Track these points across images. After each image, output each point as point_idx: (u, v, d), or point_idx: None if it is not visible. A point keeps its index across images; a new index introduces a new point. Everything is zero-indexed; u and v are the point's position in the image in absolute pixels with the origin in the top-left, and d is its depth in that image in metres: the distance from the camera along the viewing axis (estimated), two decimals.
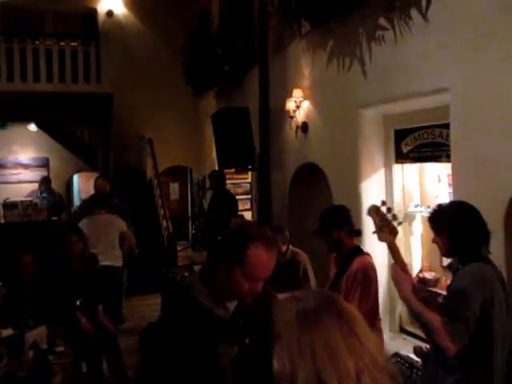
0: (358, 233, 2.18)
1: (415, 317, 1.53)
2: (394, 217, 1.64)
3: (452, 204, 1.59)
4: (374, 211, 1.66)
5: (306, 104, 3.71)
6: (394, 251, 1.58)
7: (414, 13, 2.55)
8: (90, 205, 3.99)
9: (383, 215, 1.63)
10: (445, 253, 1.55)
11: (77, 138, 6.54)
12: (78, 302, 2.66)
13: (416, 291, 1.53)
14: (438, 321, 1.38)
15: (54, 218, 5.62)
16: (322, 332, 0.69)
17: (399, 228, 1.63)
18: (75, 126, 6.40)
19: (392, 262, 1.62)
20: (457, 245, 1.46)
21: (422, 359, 1.65)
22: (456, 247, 1.46)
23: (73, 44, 5.84)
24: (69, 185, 7.35)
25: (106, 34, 6.01)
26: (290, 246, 2.85)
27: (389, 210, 1.66)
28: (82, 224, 3.52)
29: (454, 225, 1.46)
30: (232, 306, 1.10)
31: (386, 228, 1.60)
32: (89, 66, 5.81)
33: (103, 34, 5.98)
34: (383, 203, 1.69)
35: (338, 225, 2.09)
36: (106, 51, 5.84)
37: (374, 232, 1.65)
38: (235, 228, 1.26)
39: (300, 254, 2.80)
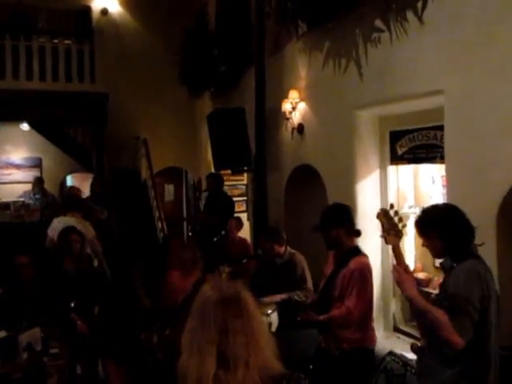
0: (358, 233, 2.20)
1: (420, 315, 1.55)
2: (400, 219, 1.66)
3: (437, 206, 1.61)
4: (383, 215, 1.67)
5: (302, 105, 3.72)
6: (397, 254, 1.61)
7: (409, 15, 2.57)
8: (62, 206, 4.05)
9: (391, 218, 1.65)
10: (436, 254, 1.58)
11: (70, 138, 6.46)
12: (72, 304, 2.63)
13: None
14: (445, 317, 1.42)
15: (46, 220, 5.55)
16: (214, 332, 0.78)
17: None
18: (69, 125, 6.33)
19: (393, 263, 1.65)
20: (448, 243, 1.49)
21: (418, 356, 1.68)
22: (447, 246, 1.50)
23: (66, 42, 5.77)
24: (62, 186, 7.27)
25: (100, 32, 5.95)
26: (288, 248, 2.86)
27: (396, 213, 1.68)
28: (51, 225, 3.52)
29: (443, 224, 1.50)
30: None
31: (393, 231, 1.62)
32: (83, 64, 5.75)
33: (98, 33, 5.92)
34: (391, 206, 1.71)
35: (338, 223, 2.10)
36: (100, 50, 5.79)
37: (381, 236, 1.67)
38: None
39: (297, 255, 2.81)
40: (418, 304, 1.50)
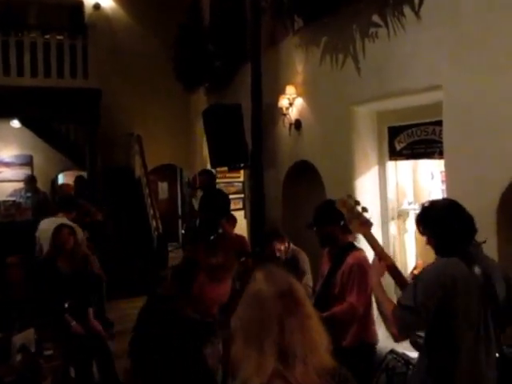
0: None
1: (377, 304, 1.59)
2: (364, 209, 1.71)
3: (434, 204, 1.60)
4: (342, 204, 1.73)
5: (299, 101, 3.69)
6: (369, 241, 1.65)
7: (406, 10, 2.56)
8: (55, 206, 3.94)
9: (351, 207, 1.70)
10: (434, 251, 1.56)
11: (62, 135, 6.35)
12: (66, 305, 2.58)
13: (398, 275, 1.57)
14: (390, 310, 1.45)
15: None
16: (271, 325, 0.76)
17: (394, 224, 1.65)
18: (61, 122, 6.22)
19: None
20: (438, 241, 1.49)
21: (413, 347, 1.68)
22: (438, 244, 1.49)
23: (59, 37, 5.66)
24: (54, 184, 7.15)
25: (93, 27, 5.83)
26: (291, 245, 2.82)
27: (356, 202, 1.73)
28: (40, 225, 3.42)
29: (436, 223, 1.49)
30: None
31: (357, 219, 1.67)
32: (75, 60, 5.64)
33: (90, 28, 5.81)
34: (349, 197, 1.77)
35: (333, 220, 2.08)
36: (93, 45, 5.68)
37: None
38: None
39: (301, 253, 2.78)
40: (375, 293, 1.56)
